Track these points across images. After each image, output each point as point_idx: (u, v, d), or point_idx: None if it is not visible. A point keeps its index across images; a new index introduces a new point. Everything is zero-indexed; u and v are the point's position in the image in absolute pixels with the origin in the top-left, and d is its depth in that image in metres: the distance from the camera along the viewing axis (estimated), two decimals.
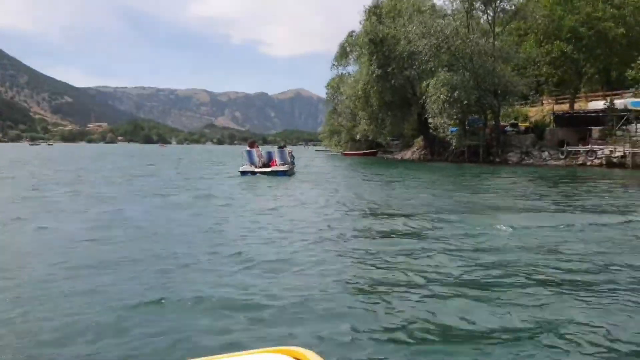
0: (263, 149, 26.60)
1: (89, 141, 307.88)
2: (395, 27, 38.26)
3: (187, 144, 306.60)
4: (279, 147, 26.01)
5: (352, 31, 56.04)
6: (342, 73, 57.11)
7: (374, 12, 42.10)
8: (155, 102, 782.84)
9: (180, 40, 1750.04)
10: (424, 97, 37.05)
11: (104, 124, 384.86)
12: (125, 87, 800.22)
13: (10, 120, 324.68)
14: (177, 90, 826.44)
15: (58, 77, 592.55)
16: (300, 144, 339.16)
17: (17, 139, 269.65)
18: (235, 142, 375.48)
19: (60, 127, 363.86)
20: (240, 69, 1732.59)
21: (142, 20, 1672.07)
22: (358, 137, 50.75)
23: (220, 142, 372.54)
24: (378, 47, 37.95)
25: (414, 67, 37.89)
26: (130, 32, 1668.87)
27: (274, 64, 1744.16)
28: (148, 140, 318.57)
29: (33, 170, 30.13)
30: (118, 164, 37.80)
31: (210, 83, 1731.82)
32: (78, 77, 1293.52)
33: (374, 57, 38.73)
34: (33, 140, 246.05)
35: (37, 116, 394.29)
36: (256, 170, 23.56)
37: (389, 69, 38.09)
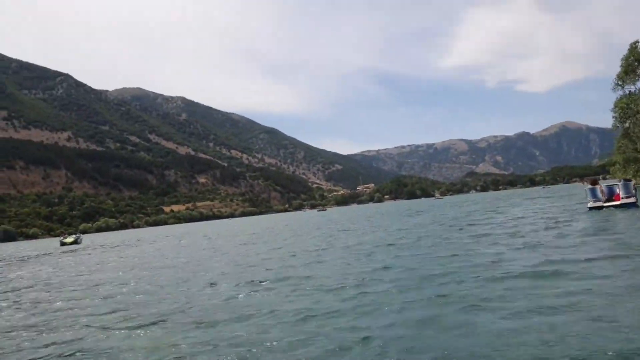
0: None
1: (359, 202, 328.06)
2: None
3: (451, 194, 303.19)
4: (625, 180, 24.68)
5: (637, 41, 47.12)
6: (629, 91, 48.08)
7: None
8: (416, 159, 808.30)
9: (433, 95, 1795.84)
10: None
11: (371, 185, 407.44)
12: (387, 149, 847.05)
13: (293, 192, 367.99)
14: (435, 144, 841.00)
15: (328, 149, 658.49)
16: (575, 180, 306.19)
17: (299, 207, 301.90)
18: (500, 187, 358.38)
19: (334, 193, 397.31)
20: (497, 112, 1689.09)
21: (395, 82, 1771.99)
22: None
23: (484, 189, 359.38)
24: None
25: None
26: (386, 95, 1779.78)
27: (533, 100, 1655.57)
28: (412, 196, 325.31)
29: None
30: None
31: (466, 131, 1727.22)
32: (344, 146, 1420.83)
33: None
34: (313, 207, 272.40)
35: (314, 185, 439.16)
36: (604, 204, 23.34)
37: None
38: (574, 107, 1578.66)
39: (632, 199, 22.59)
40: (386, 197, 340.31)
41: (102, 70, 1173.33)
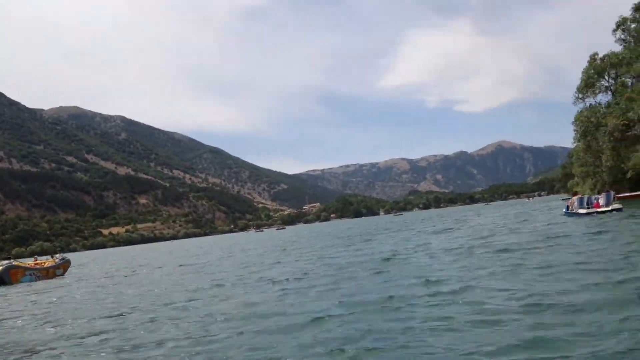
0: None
1: (306, 222, 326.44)
2: None
3: (395, 212, 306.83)
4: (605, 191, 27.82)
5: (595, 53, 48.05)
6: (590, 104, 48.83)
7: None
8: (360, 177, 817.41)
9: (375, 114, 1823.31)
10: None
11: (317, 204, 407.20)
12: (331, 168, 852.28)
13: (238, 212, 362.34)
14: (378, 163, 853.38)
15: (273, 168, 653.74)
16: (512, 197, 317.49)
17: (245, 227, 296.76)
18: (442, 204, 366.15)
19: (280, 212, 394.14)
20: (437, 132, 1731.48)
21: (339, 101, 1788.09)
22: (629, 174, 41.32)
23: (426, 206, 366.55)
24: None
25: None
26: (330, 115, 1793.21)
27: (471, 120, 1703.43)
28: (357, 214, 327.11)
29: None
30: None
31: (408, 151, 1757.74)
32: (290, 165, 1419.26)
33: None
34: (259, 227, 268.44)
35: (260, 205, 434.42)
36: (597, 210, 25.49)
37: None
38: (509, 127, 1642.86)
39: (618, 206, 25.39)
40: (332, 215, 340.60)
41: (37, 88, 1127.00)
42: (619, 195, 45.21)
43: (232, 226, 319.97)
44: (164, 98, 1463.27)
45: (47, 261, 29.78)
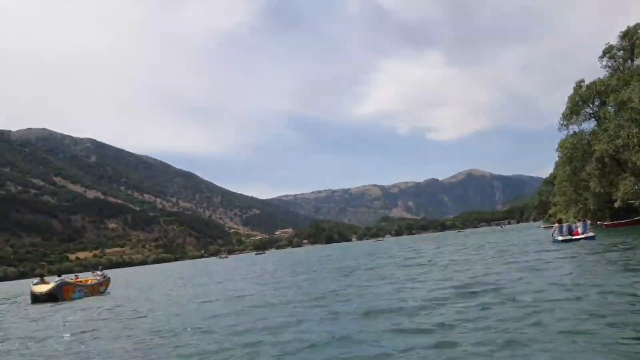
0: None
1: (278, 247, 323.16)
2: None
3: (367, 239, 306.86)
4: (582, 220, 30.59)
5: (581, 80, 48.36)
6: (574, 131, 49.05)
7: None
8: (332, 203, 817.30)
9: (348, 141, 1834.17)
10: None
11: (289, 230, 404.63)
12: (304, 194, 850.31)
13: (209, 237, 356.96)
14: (350, 189, 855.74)
15: (246, 193, 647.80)
16: (482, 225, 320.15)
17: (216, 253, 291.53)
18: (414, 231, 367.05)
19: (252, 238, 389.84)
20: (408, 159, 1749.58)
21: (312, 128, 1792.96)
22: (618, 204, 41.15)
23: (398, 233, 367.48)
24: None
25: None
26: (303, 141, 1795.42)
27: (442, 148, 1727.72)
28: (330, 240, 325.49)
29: None
30: None
31: (380, 177, 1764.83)
32: (262, 190, 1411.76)
33: None
34: (231, 252, 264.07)
35: (231, 230, 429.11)
36: (573, 237, 27.79)
37: None
38: (478, 156, 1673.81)
39: (591, 234, 27.83)
40: (305, 241, 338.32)
41: (5, 109, 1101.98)
42: (606, 223, 45.39)
43: (202, 251, 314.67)
44: (135, 121, 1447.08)
45: (90, 279, 31.35)
